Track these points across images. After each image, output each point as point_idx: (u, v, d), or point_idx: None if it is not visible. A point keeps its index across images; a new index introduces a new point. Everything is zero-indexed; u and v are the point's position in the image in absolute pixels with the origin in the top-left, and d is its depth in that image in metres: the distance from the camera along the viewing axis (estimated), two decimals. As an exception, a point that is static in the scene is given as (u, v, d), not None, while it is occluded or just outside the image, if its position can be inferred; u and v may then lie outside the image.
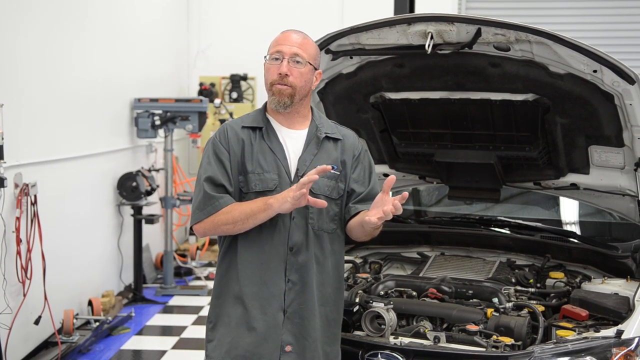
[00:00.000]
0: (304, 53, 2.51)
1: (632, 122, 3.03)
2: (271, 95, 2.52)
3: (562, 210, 4.15)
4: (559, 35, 2.82)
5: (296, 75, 2.49)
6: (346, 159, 2.61)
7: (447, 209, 4.37)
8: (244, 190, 2.51)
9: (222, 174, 2.51)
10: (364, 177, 2.65)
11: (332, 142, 2.61)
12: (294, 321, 2.49)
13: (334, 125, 2.68)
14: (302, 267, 2.50)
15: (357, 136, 2.74)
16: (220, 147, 2.54)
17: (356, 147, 2.66)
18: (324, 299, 2.55)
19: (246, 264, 2.50)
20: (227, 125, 2.61)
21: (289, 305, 2.49)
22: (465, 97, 3.31)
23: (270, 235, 2.49)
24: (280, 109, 2.52)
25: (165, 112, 6.74)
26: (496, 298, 3.00)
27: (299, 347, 2.49)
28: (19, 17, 4.71)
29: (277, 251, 2.49)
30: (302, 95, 2.54)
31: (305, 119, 2.62)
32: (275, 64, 2.50)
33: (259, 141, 2.55)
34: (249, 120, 2.60)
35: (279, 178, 2.51)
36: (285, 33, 2.55)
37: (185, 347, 5.40)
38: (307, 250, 2.51)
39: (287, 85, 2.49)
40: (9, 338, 4.44)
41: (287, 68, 2.48)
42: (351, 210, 2.59)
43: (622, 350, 2.52)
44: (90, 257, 5.91)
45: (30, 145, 4.86)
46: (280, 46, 2.50)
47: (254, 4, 8.77)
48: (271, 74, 2.51)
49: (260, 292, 2.48)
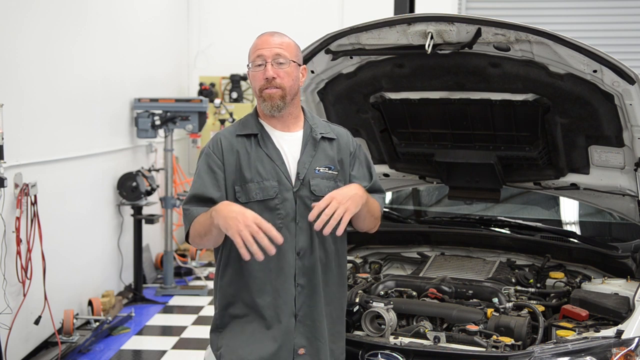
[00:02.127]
0: (285, 52, 2.49)
1: (632, 122, 3.02)
2: (262, 102, 2.50)
3: (562, 210, 4.14)
4: (559, 35, 2.82)
5: (283, 75, 2.48)
6: (343, 157, 2.61)
7: (447, 209, 4.37)
8: (242, 200, 2.47)
9: (211, 184, 2.48)
10: (364, 172, 2.66)
11: (327, 142, 2.60)
12: (305, 324, 2.49)
13: (327, 124, 2.67)
14: (309, 271, 2.50)
15: (350, 132, 2.73)
16: (214, 157, 2.52)
17: (351, 144, 2.67)
18: (329, 298, 2.56)
19: (255, 273, 2.47)
20: (220, 135, 2.58)
21: (299, 309, 2.49)
22: (465, 97, 3.31)
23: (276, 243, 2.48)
24: (275, 113, 2.51)
25: (165, 112, 6.74)
26: (496, 298, 3.00)
27: (312, 349, 2.50)
28: (19, 17, 4.71)
29: (286, 257, 2.47)
30: (293, 95, 2.53)
31: (298, 120, 2.60)
32: (259, 70, 2.49)
33: (255, 149, 2.52)
34: (242, 128, 2.57)
35: (279, 185, 2.49)
36: (261, 37, 2.54)
37: (185, 347, 5.40)
38: (312, 253, 2.51)
39: (276, 87, 2.47)
40: (9, 338, 4.44)
41: (273, 71, 2.47)
42: None
43: (622, 350, 2.52)
44: (90, 257, 5.91)
45: (30, 145, 4.86)
46: (260, 50, 2.49)
47: (254, 4, 8.77)
48: (258, 81, 2.50)
49: (275, 301, 2.47)
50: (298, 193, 2.49)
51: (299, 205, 2.49)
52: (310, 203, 2.47)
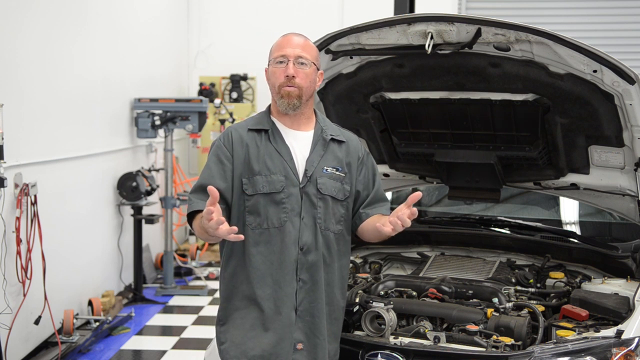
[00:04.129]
0: (307, 54, 2.56)
1: (632, 122, 3.02)
2: (280, 98, 2.55)
3: (562, 210, 4.15)
4: (559, 35, 2.82)
5: (302, 76, 2.53)
6: (351, 161, 2.67)
7: (447, 209, 4.37)
8: (249, 193, 2.53)
9: (218, 174, 2.54)
10: (369, 180, 2.72)
11: (337, 144, 2.66)
12: (305, 319, 2.53)
13: (338, 128, 2.74)
14: (312, 267, 2.54)
15: (359, 139, 2.79)
16: (223, 149, 2.58)
17: (360, 150, 2.73)
18: (330, 299, 2.59)
19: (257, 265, 2.52)
20: (231, 128, 2.65)
21: (300, 303, 2.53)
22: (465, 97, 3.31)
23: (280, 236, 2.52)
24: (290, 111, 2.56)
25: (165, 112, 6.74)
26: (496, 298, 3.00)
27: (310, 344, 2.53)
28: (19, 17, 4.71)
29: (289, 251, 2.52)
30: (308, 96, 2.59)
31: (310, 121, 2.66)
32: (280, 67, 2.54)
33: (265, 143, 2.58)
34: (254, 123, 2.64)
35: (286, 180, 2.54)
36: (286, 37, 2.59)
37: (185, 347, 5.40)
38: (316, 249, 2.54)
39: (294, 86, 2.53)
40: (9, 338, 4.44)
41: (294, 70, 2.52)
42: (362, 217, 2.67)
43: (622, 350, 2.52)
44: (90, 257, 5.91)
45: (30, 145, 4.86)
46: (284, 49, 2.54)
47: (254, 4, 8.78)
48: (277, 77, 2.55)
49: (275, 293, 2.51)
50: (304, 189, 2.54)
51: (305, 201, 2.54)
52: (316, 201, 2.53)
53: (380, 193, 2.73)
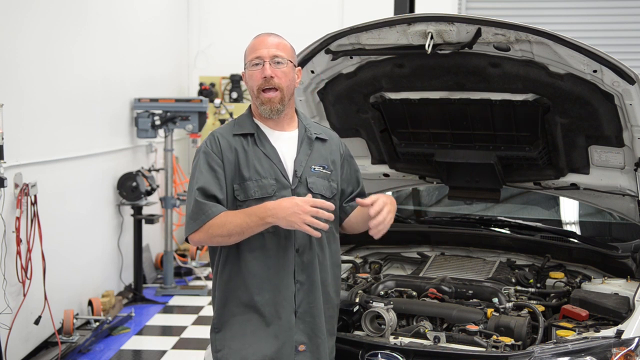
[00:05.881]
0: (282, 53, 2.53)
1: (632, 122, 3.02)
2: (261, 105, 2.53)
3: (562, 210, 4.14)
4: (559, 35, 2.82)
5: (280, 75, 2.51)
6: (335, 158, 2.68)
7: (447, 209, 4.36)
8: (241, 198, 2.50)
9: (214, 182, 2.50)
10: (352, 176, 2.75)
11: (321, 142, 2.67)
12: (305, 320, 2.53)
13: (318, 126, 2.75)
14: (308, 267, 2.53)
15: (338, 136, 2.81)
16: (213, 156, 2.53)
17: (341, 147, 2.75)
18: (325, 297, 2.59)
19: (254, 271, 2.50)
20: (216, 133, 2.60)
21: (299, 305, 2.52)
22: (465, 97, 3.31)
23: (275, 240, 2.50)
24: (274, 116, 2.55)
25: (165, 112, 6.75)
26: (496, 298, 3.00)
27: (312, 345, 2.53)
28: (19, 17, 4.71)
29: (285, 254, 2.51)
30: (289, 95, 2.57)
31: (292, 120, 2.65)
32: (257, 69, 2.52)
33: (252, 147, 2.55)
34: (238, 128, 2.60)
35: (277, 183, 2.52)
36: (259, 37, 2.57)
37: (185, 347, 5.40)
38: (310, 250, 2.54)
39: (273, 88, 2.50)
40: (9, 338, 4.44)
41: (271, 70, 2.50)
42: (347, 210, 2.70)
43: (622, 350, 2.52)
44: (90, 257, 5.91)
45: (30, 145, 4.86)
46: (258, 51, 2.52)
47: (254, 4, 8.77)
48: (255, 80, 2.52)
49: (274, 297, 2.50)
50: (296, 190, 2.54)
51: None
52: None
53: (363, 189, 2.77)
